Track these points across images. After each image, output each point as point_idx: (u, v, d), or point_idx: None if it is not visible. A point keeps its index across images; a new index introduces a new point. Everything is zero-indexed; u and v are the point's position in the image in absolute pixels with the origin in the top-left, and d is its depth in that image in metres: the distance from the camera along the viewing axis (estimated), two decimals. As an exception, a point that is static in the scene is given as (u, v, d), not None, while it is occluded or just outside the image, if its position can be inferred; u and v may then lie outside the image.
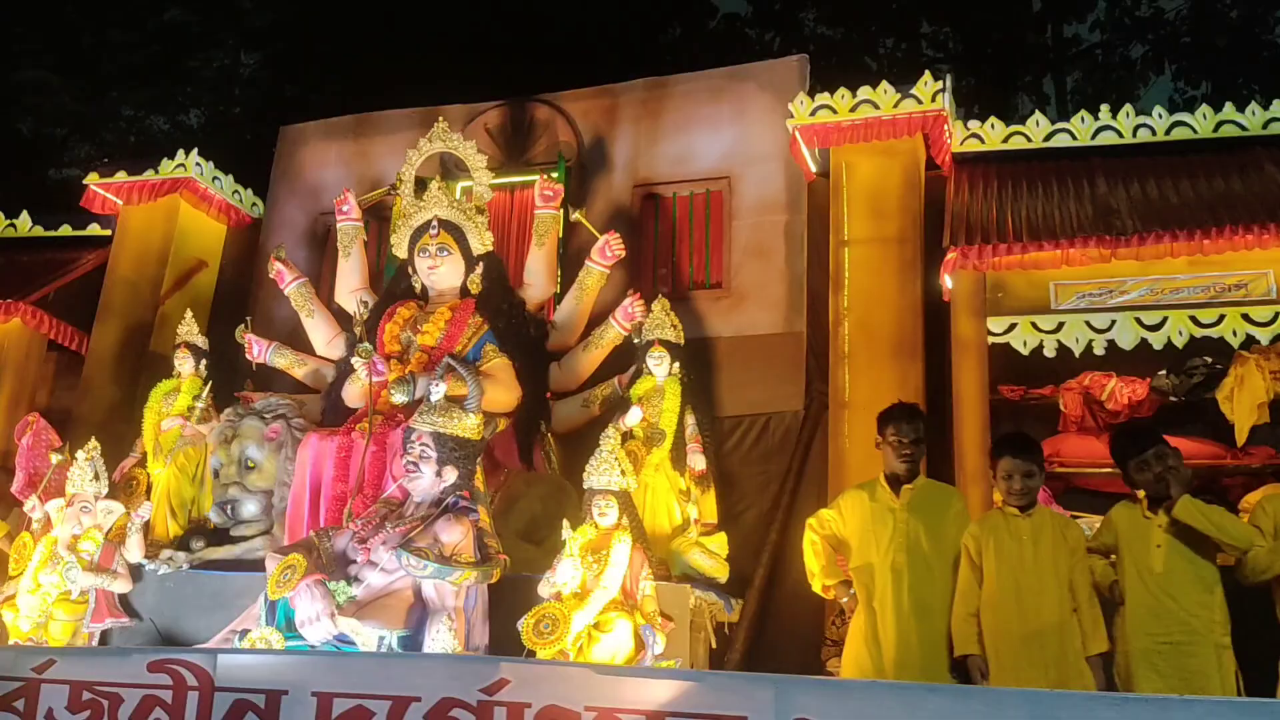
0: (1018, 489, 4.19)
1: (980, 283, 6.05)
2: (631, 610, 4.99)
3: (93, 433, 7.12)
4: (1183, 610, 3.94)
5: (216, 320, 8.44)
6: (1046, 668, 3.92)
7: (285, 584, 5.15)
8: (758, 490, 6.72)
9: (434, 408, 5.50)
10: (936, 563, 4.26)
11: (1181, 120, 6.57)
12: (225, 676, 4.24)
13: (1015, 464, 4.22)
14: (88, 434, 7.12)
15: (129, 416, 7.61)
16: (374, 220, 8.15)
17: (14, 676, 4.46)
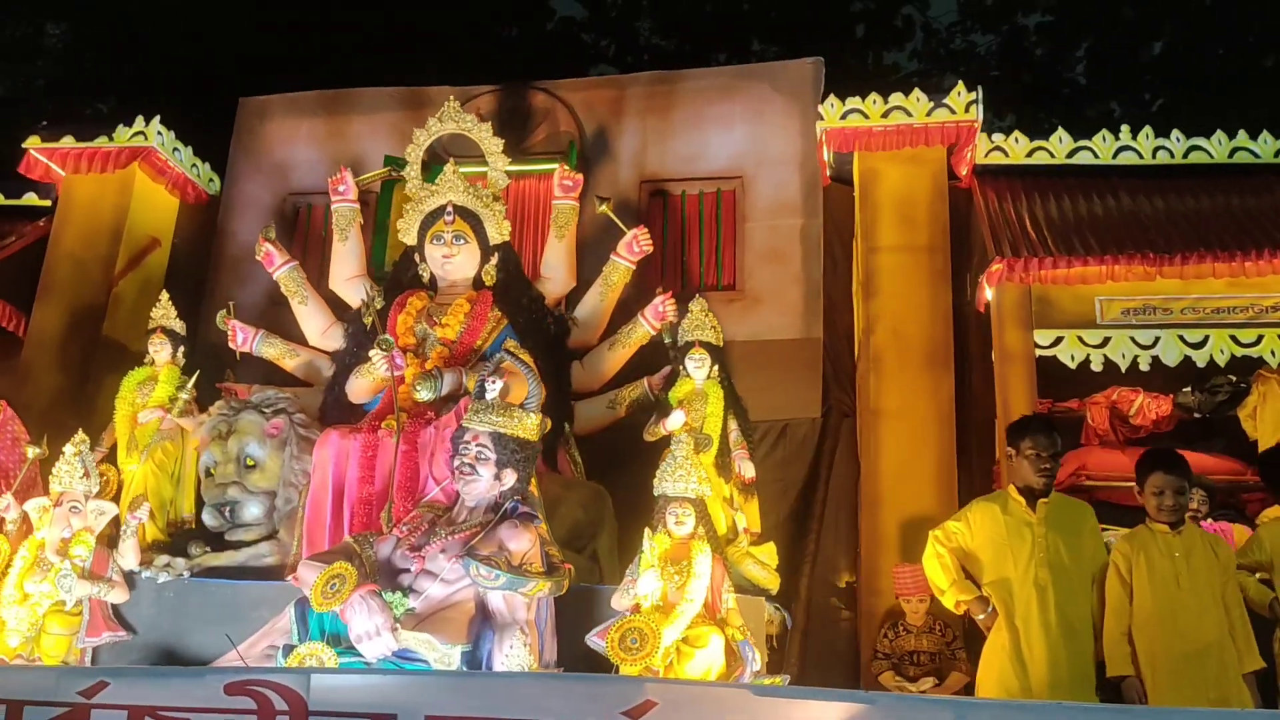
0: (1169, 505, 4.15)
1: (1025, 295, 6.05)
2: (720, 624, 4.75)
3: (34, 422, 6.49)
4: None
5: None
6: (1207, 687, 3.88)
7: (335, 595, 4.68)
8: (775, 497, 6.53)
9: (492, 406, 5.11)
10: (1078, 579, 4.18)
11: (1198, 145, 6.74)
12: (321, 699, 3.80)
13: (1168, 480, 4.18)
14: (29, 424, 6.49)
15: (77, 406, 6.96)
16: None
17: (57, 702, 3.90)
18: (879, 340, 6.46)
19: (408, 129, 7.69)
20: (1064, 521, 4.34)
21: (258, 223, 7.71)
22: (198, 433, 6.00)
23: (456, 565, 4.80)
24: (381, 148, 7.73)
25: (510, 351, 5.40)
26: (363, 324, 6.42)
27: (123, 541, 5.34)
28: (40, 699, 3.94)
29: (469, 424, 5.10)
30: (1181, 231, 6.09)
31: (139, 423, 6.13)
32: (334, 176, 6.82)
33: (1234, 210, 6.25)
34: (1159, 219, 6.24)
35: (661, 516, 4.98)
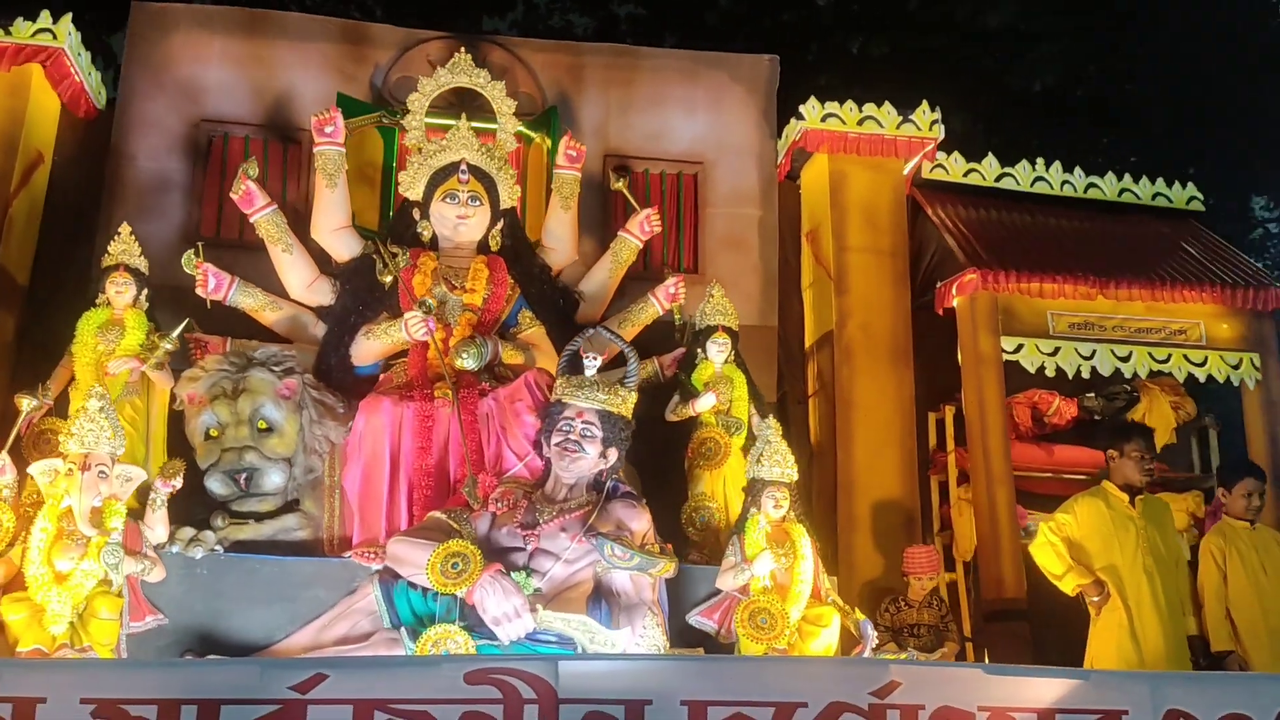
0: (1256, 505, 4.89)
1: (993, 304, 6.72)
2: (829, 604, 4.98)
3: None
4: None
5: (50, 233, 6.75)
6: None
7: (462, 576, 4.46)
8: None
9: (597, 384, 5.01)
10: (1171, 566, 4.82)
11: (1094, 182, 7.74)
12: (571, 687, 3.63)
13: (1256, 484, 4.92)
14: None
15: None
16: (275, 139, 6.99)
17: (267, 699, 3.45)
18: (850, 335, 6.90)
19: (346, 66, 7.25)
20: (1156, 515, 5.01)
21: (161, 146, 6.91)
22: (189, 388, 5.32)
23: (578, 545, 4.70)
24: (314, 82, 7.13)
25: (608, 329, 5.28)
26: (363, 279, 6.00)
27: (152, 512, 4.68)
28: (241, 697, 3.46)
29: (572, 400, 4.98)
30: (1112, 258, 7.01)
31: (109, 373, 5.33)
32: (319, 115, 6.20)
33: (1147, 242, 7.29)
34: (1092, 244, 7.14)
35: (757, 500, 5.12)
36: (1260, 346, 7.00)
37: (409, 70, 7.18)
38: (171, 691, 3.44)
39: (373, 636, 4.56)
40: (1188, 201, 7.83)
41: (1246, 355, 6.95)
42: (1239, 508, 5.10)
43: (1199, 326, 6.94)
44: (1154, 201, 7.77)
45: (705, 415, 5.86)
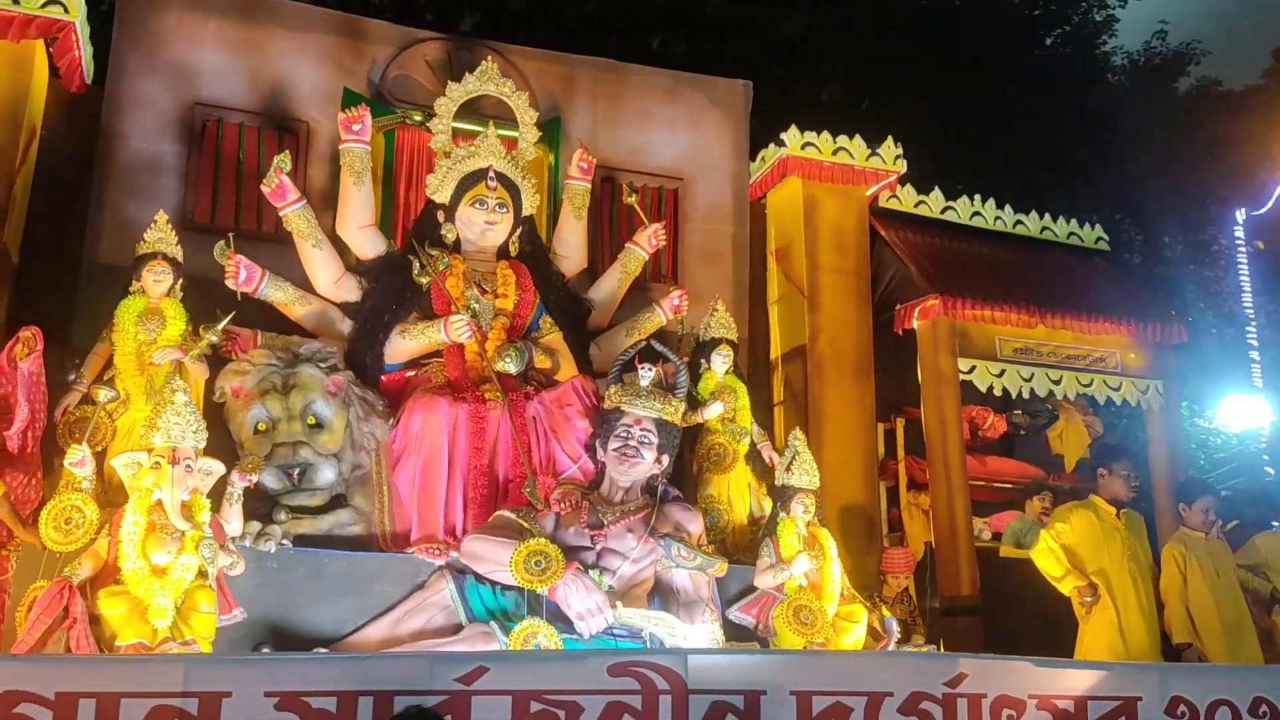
0: (1212, 520, 5.65)
1: (952, 328, 7.39)
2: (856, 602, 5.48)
3: None
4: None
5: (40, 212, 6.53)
6: (1244, 649, 5.42)
7: (546, 574, 4.75)
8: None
9: (653, 393, 5.35)
10: (1147, 571, 5.54)
11: (1020, 219, 8.54)
12: (699, 678, 4.01)
13: (1212, 502, 5.68)
14: None
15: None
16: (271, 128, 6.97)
17: (434, 690, 3.68)
18: (821, 349, 7.42)
19: (344, 59, 7.30)
20: (1135, 527, 5.72)
21: (153, 128, 6.79)
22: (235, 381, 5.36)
23: (643, 545, 5.04)
24: (312, 73, 7.14)
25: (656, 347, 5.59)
26: (393, 278, 6.10)
27: (229, 506, 4.72)
28: (413, 689, 3.67)
29: (630, 408, 5.30)
30: (1046, 290, 7.80)
31: (154, 363, 5.29)
32: (347, 113, 6.25)
33: (1069, 276, 8.13)
34: (1026, 276, 7.91)
35: (787, 506, 5.56)
36: (1164, 375, 7.94)
37: (406, 69, 7.29)
38: (349, 684, 3.62)
39: (463, 630, 4.74)
40: (1095, 241, 8.74)
41: (1153, 382, 7.87)
42: (1197, 521, 5.89)
43: (1116, 355, 7.82)
44: (1068, 240, 8.62)
45: (712, 423, 6.24)
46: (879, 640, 5.39)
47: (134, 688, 3.41)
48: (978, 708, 4.31)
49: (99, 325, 5.99)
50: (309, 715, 3.54)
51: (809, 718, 4.08)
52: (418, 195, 6.80)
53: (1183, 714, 4.52)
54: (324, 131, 7.06)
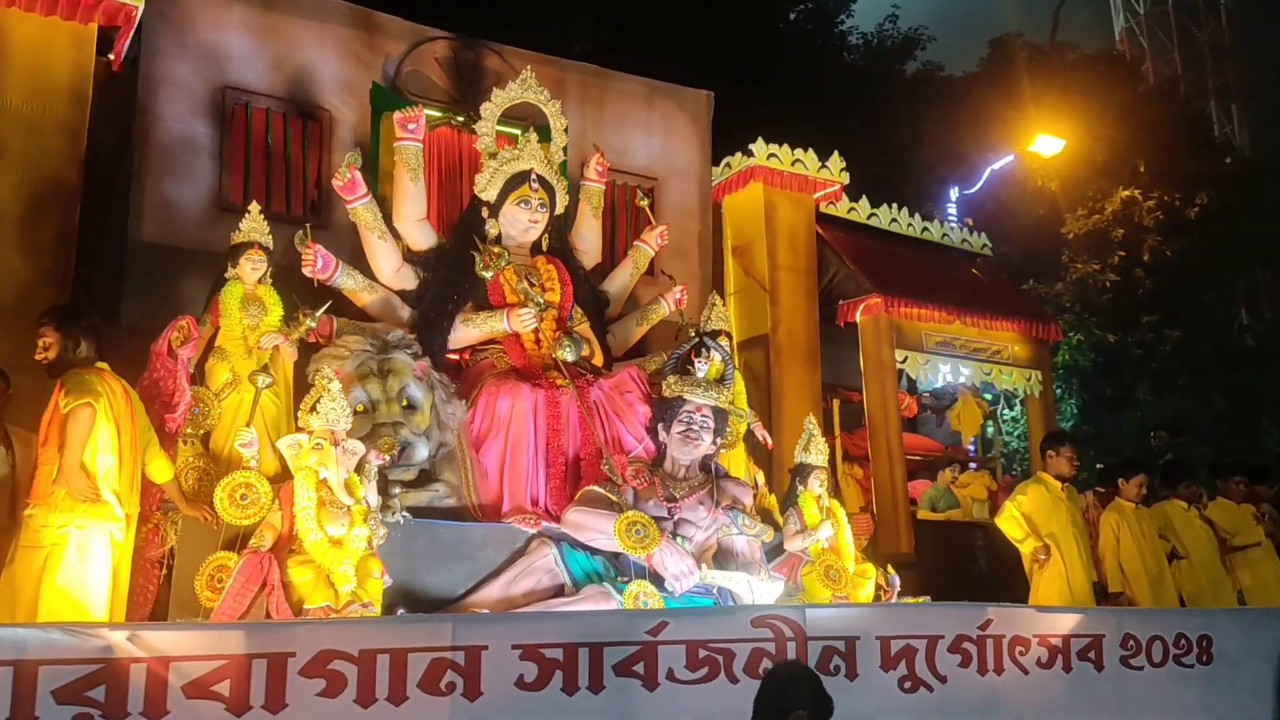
0: (1144, 493, 7.03)
1: (890, 323, 8.56)
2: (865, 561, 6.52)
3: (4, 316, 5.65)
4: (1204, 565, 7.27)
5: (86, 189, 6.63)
6: (1164, 595, 6.83)
7: (645, 541, 5.53)
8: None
9: (710, 384, 6.16)
10: (1084, 534, 6.85)
11: (927, 226, 9.82)
12: (813, 628, 4.94)
13: (1146, 478, 7.03)
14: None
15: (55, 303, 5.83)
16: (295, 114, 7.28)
17: (631, 641, 4.46)
18: (780, 338, 8.44)
19: (359, 50, 7.69)
20: (1073, 498, 7.00)
21: (186, 109, 7.03)
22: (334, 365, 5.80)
23: (711, 515, 5.89)
24: (331, 63, 7.52)
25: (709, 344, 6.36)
26: (450, 269, 6.62)
27: (368, 482, 5.25)
28: (616, 640, 4.41)
29: (691, 396, 6.11)
30: (956, 290, 9.10)
31: (261, 347, 5.68)
32: (403, 112, 6.67)
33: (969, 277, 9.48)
34: (939, 277, 9.18)
35: (805, 480, 6.53)
36: (1041, 366, 9.43)
37: (418, 65, 7.73)
38: (571, 637, 4.34)
39: (583, 590, 5.46)
40: (981, 247, 10.14)
41: (1034, 372, 9.34)
42: (1132, 494, 7.25)
43: (1008, 348, 9.23)
44: (960, 245, 9.98)
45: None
46: (884, 593, 6.46)
47: (416, 644, 4.00)
48: (1000, 645, 5.42)
49: (147, 302, 6.30)
50: (544, 663, 4.23)
51: (888, 656, 5.08)
52: (451, 189, 7.29)
53: (1131, 645, 5.80)
54: (344, 120, 7.45)
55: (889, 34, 19.16)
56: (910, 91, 18.20)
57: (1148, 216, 15.68)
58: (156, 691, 3.50)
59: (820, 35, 17.64)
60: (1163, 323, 15.17)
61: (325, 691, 3.79)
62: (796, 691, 3.28)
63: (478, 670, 4.10)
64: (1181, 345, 15.19)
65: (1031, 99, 16.99)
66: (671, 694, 4.46)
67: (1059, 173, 16.62)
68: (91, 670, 3.41)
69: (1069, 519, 6.85)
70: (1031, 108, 16.84)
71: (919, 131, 16.90)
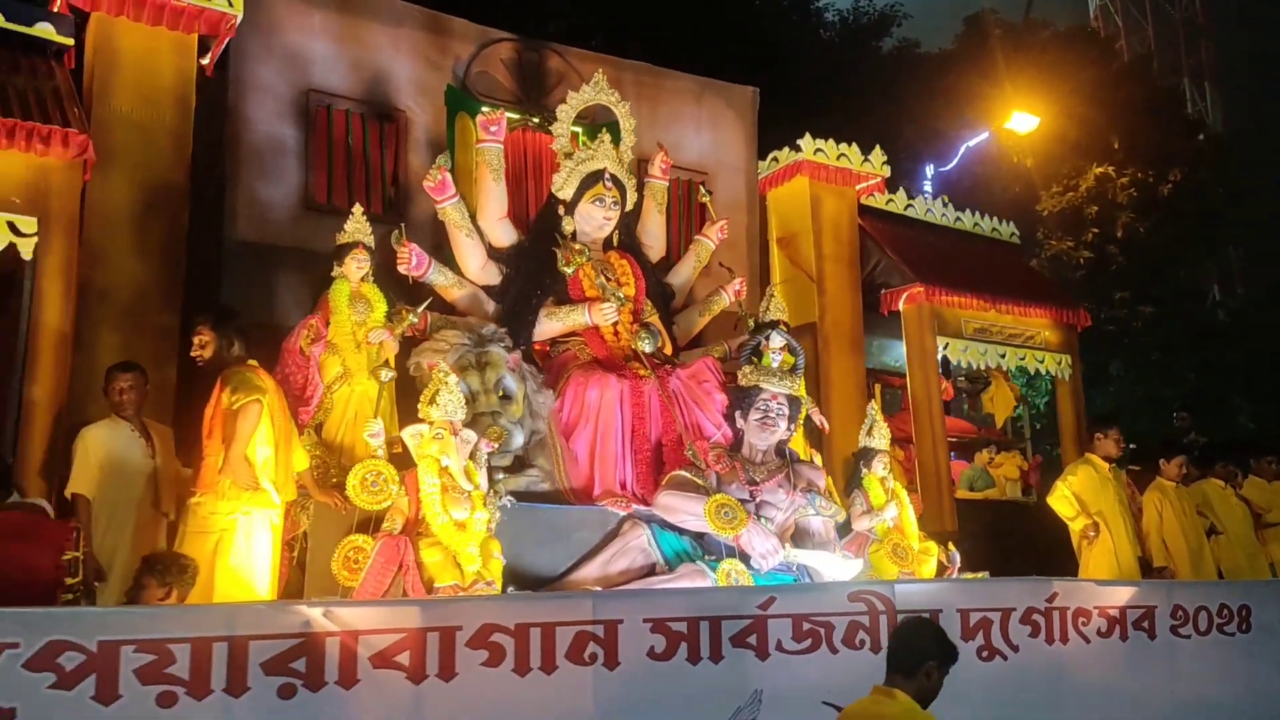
0: (1184, 473, 7.46)
1: (932, 311, 8.95)
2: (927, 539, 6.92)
3: (116, 312, 5.98)
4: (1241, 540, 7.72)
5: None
6: (1204, 568, 7.27)
7: (734, 522, 5.92)
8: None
9: (783, 372, 6.53)
10: (1129, 511, 7.29)
11: (961, 216, 10.20)
12: (902, 601, 5.33)
13: (1186, 460, 7.45)
14: (107, 311, 5.93)
15: (167, 302, 6.18)
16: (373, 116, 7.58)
17: (745, 615, 4.84)
18: (827, 327, 8.80)
19: (430, 53, 7.98)
20: (1119, 478, 7.43)
21: (275, 111, 7.32)
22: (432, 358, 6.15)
23: (789, 497, 6.28)
24: (405, 65, 7.82)
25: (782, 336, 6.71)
26: (532, 265, 6.95)
27: (481, 469, 5.60)
28: (732, 613, 4.80)
29: (766, 385, 6.48)
30: (991, 278, 9.49)
31: (370, 343, 6.02)
32: (486, 115, 6.99)
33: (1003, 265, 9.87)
34: (973, 265, 9.56)
35: (869, 463, 6.93)
36: (1070, 350, 9.83)
37: (485, 66, 8.03)
38: (693, 611, 4.72)
39: (679, 569, 5.83)
40: (1010, 235, 10.53)
41: (1064, 356, 9.74)
42: (1173, 473, 7.67)
43: (1040, 333, 9.63)
44: (991, 234, 10.36)
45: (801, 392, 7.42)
46: (946, 569, 6.87)
47: (563, 618, 4.37)
48: (1064, 616, 5.82)
49: (243, 298, 6.62)
50: (670, 635, 4.60)
51: (967, 627, 5.47)
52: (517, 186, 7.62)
53: (1180, 616, 6.23)
54: (419, 120, 7.76)
55: (865, 10, 18.85)
56: (886, 69, 17.98)
57: (1121, 194, 15.98)
58: (348, 662, 3.86)
59: (796, 12, 17.50)
60: (1136, 299, 15.44)
61: (488, 662, 4.16)
62: (925, 645, 3.66)
63: (615, 642, 4.47)
64: (1154, 322, 15.48)
65: (1006, 76, 17.21)
66: (780, 663, 4.85)
67: (1034, 150, 16.96)
68: (294, 644, 3.76)
69: (1116, 498, 7.27)
70: (1007, 85, 17.09)
71: (896, 109, 16.80)
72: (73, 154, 5.65)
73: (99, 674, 3.42)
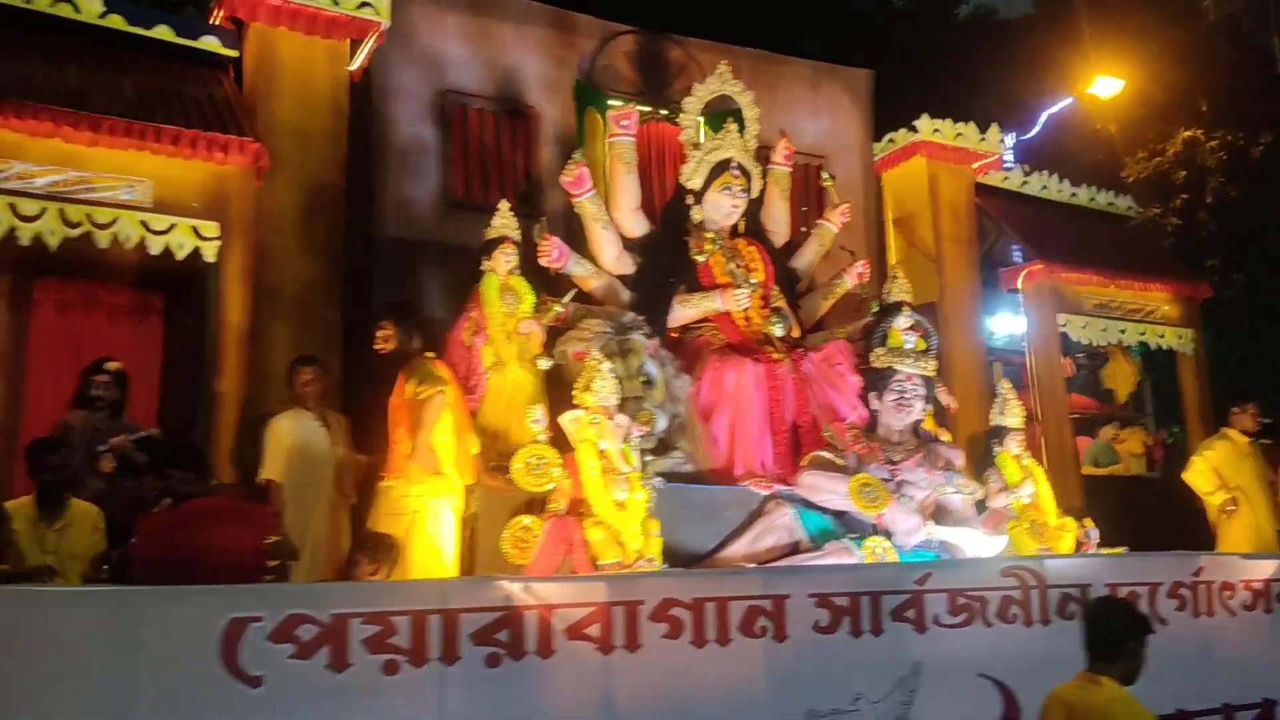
0: None
1: (1052, 288, 8.98)
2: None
3: (286, 308, 6.29)
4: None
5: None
6: None
7: (876, 501, 6.07)
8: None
9: (917, 354, 6.66)
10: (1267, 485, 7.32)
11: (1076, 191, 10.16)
12: (1052, 577, 5.44)
13: None
14: (278, 308, 6.25)
15: (330, 298, 6.52)
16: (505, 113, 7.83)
17: (903, 590, 5.01)
18: (946, 307, 8.88)
19: (556, 50, 8.20)
20: (1256, 452, 7.45)
21: (416, 113, 7.61)
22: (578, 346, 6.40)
23: (928, 476, 6.41)
24: (534, 62, 8.06)
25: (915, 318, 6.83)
26: (665, 255, 7.16)
27: (635, 452, 5.84)
28: (892, 588, 4.98)
29: (902, 367, 6.62)
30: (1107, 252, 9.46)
31: (520, 333, 6.28)
32: (618, 110, 7.21)
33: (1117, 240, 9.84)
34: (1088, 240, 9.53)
35: (1002, 441, 7.02)
36: (1192, 324, 9.77)
37: (609, 59, 8.25)
38: (853, 587, 4.90)
39: (826, 546, 6.02)
40: (1125, 209, 10.47)
41: (1186, 330, 9.68)
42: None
43: (1160, 308, 9.58)
44: (1107, 208, 10.30)
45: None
46: (1083, 545, 6.95)
47: (734, 593, 4.59)
48: (1210, 590, 5.88)
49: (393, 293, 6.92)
50: (834, 609, 4.80)
51: (1115, 601, 5.60)
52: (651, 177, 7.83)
53: (1326, 588, 6.27)
54: (547, 116, 8.01)
55: None
56: (963, 37, 17.71)
57: (1210, 158, 15.50)
58: (545, 634, 4.12)
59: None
60: (1227, 266, 15.07)
61: (668, 634, 4.39)
62: (1119, 625, 3.80)
63: (783, 616, 4.67)
64: (1247, 290, 15.11)
65: (1089, 39, 16.85)
66: (938, 636, 5.01)
67: (1118, 115, 16.51)
68: (498, 616, 4.03)
69: (1254, 472, 7.29)
70: (1089, 49, 16.72)
71: (973, 78, 16.55)
72: (249, 161, 6.00)
73: (332, 644, 3.72)
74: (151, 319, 6.71)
